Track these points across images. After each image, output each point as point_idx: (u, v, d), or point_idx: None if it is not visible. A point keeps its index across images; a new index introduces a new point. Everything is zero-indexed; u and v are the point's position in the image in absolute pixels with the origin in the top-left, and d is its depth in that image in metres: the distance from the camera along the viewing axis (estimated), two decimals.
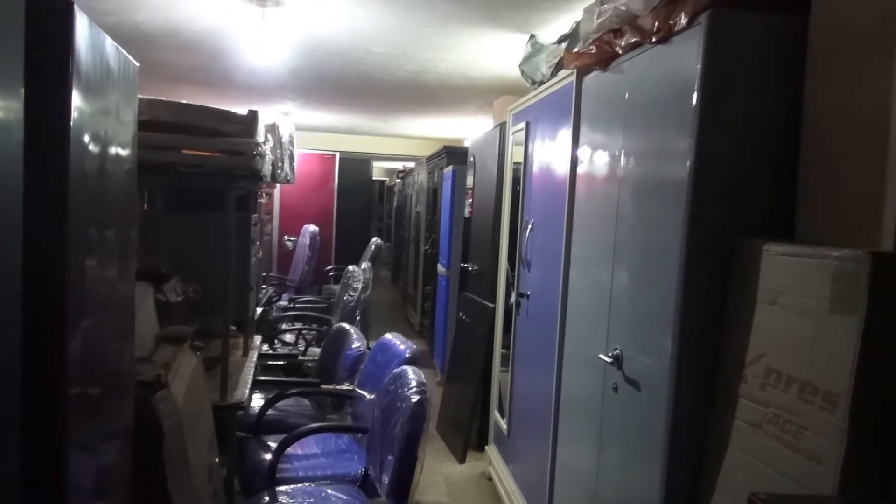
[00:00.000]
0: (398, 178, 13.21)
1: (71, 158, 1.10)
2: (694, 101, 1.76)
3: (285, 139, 3.68)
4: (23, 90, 0.98)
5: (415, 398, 2.32)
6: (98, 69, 1.24)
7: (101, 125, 1.29)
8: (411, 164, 10.54)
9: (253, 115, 2.60)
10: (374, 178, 13.88)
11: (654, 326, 1.97)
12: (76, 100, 1.13)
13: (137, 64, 1.53)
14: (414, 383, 2.40)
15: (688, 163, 1.78)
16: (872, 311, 1.38)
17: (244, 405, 2.72)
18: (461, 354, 4.75)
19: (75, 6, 1.07)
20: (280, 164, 3.46)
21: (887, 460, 1.40)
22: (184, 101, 2.56)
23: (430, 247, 7.19)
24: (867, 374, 1.39)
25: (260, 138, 2.66)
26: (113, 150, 1.38)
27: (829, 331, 1.47)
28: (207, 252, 3.04)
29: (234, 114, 2.60)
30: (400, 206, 12.15)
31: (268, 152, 2.90)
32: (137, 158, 2.42)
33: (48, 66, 1.06)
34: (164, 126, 2.45)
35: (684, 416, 1.82)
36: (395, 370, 2.61)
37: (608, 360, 2.22)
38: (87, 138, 1.19)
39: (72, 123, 1.10)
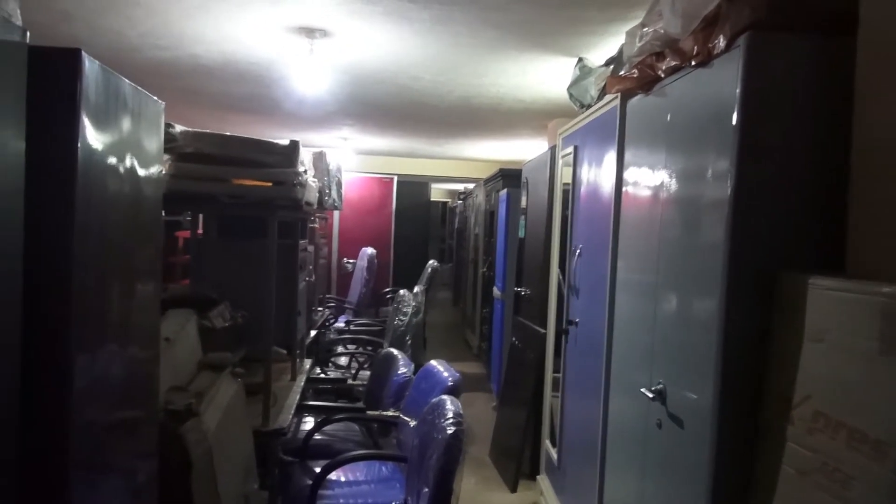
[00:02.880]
0: (459, 199, 13.24)
1: (77, 190, 1.16)
2: (733, 125, 1.68)
3: (333, 167, 3.73)
4: (24, 131, 1.05)
5: (450, 430, 2.26)
6: (112, 108, 1.29)
7: (117, 159, 1.35)
8: (472, 185, 10.55)
9: (294, 146, 2.64)
10: (434, 200, 13.99)
11: (696, 361, 1.88)
12: (88, 136, 1.18)
13: (162, 102, 1.58)
14: (451, 414, 2.35)
15: (728, 190, 1.69)
16: None
17: (285, 431, 2.72)
18: (513, 380, 4.68)
19: (82, 53, 1.11)
20: (328, 192, 3.50)
21: None
22: (227, 133, 2.62)
23: (487, 269, 7.15)
24: None
25: (300, 168, 2.70)
26: (132, 181, 1.45)
27: (879, 374, 1.35)
28: (255, 278, 3.08)
29: (276, 144, 2.64)
30: (460, 227, 12.15)
31: (311, 181, 2.94)
32: (182, 189, 2.52)
33: (56, 107, 1.13)
34: (207, 157, 2.52)
35: (728, 457, 1.72)
36: (433, 400, 2.56)
37: (650, 395, 2.13)
38: (98, 171, 1.26)
39: (79, 157, 1.16)
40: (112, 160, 1.32)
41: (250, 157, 2.57)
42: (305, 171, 2.85)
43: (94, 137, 1.21)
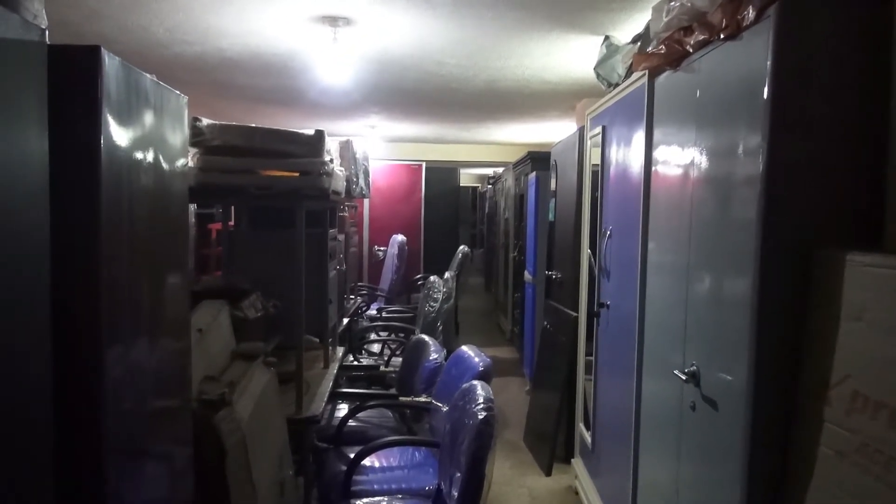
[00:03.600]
0: (489, 184, 13.18)
1: (102, 186, 1.18)
2: (764, 99, 1.64)
3: (360, 155, 3.72)
4: (47, 129, 1.07)
5: (481, 415, 2.26)
6: (134, 103, 1.31)
7: (141, 153, 1.37)
8: (501, 170, 10.49)
9: (319, 135, 2.65)
10: (464, 185, 13.94)
11: (730, 342, 1.85)
12: (110, 132, 1.20)
13: (185, 96, 1.59)
14: (481, 399, 2.34)
15: (760, 166, 1.65)
16: None
17: (318, 418, 2.76)
18: (546, 364, 4.66)
19: (102, 49, 1.13)
20: (355, 180, 3.50)
21: None
22: (252, 125, 2.64)
23: (517, 253, 7.12)
24: None
25: (326, 157, 2.70)
26: (157, 175, 1.47)
27: None
28: (286, 268, 3.11)
29: (301, 134, 2.65)
30: (491, 212, 12.11)
31: (338, 170, 2.94)
32: (211, 181, 2.55)
33: (78, 104, 1.15)
34: (234, 150, 2.54)
35: (764, 439, 1.69)
36: (464, 385, 2.56)
37: (683, 377, 2.10)
38: (122, 166, 1.28)
39: (102, 153, 1.19)
40: (136, 155, 1.34)
41: (276, 147, 2.59)
42: (331, 161, 2.86)
43: (116, 133, 1.23)
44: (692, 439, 2.12)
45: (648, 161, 2.62)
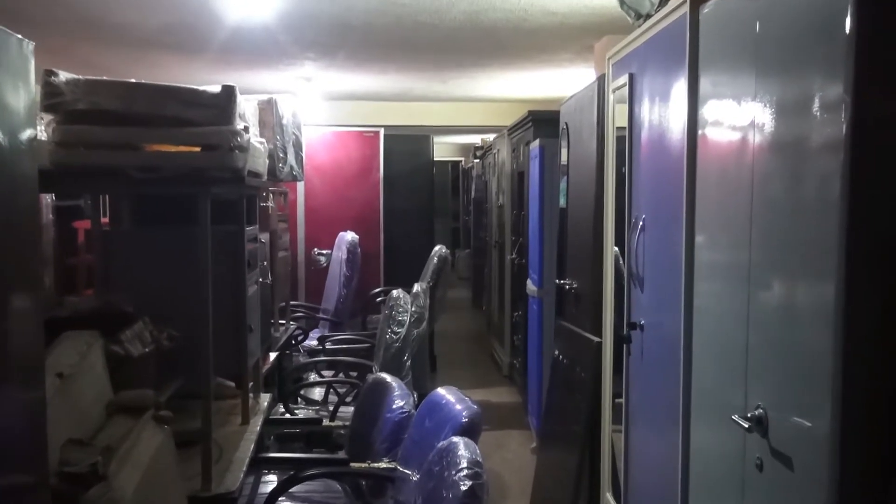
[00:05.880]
0: (476, 157, 13.24)
1: None
2: (846, 34, 1.68)
3: (287, 121, 3.71)
4: None
5: (465, 485, 2.29)
6: None
7: None
8: (492, 137, 10.55)
9: (228, 93, 2.65)
10: (440, 160, 14.01)
11: (808, 372, 1.89)
12: None
13: (31, 42, 1.58)
14: (464, 463, 2.37)
15: (842, 128, 1.69)
16: None
17: (235, 494, 2.76)
18: (558, 410, 4.70)
19: None
20: (281, 156, 3.49)
21: None
22: (133, 80, 2.63)
23: (517, 255, 7.16)
24: None
25: (239, 125, 2.71)
26: None
27: None
28: (185, 282, 3.10)
29: (203, 93, 2.65)
30: (479, 197, 12.17)
31: (257, 142, 2.93)
32: (75, 161, 2.54)
33: None
34: (108, 116, 2.53)
35: None
36: (440, 444, 2.58)
37: (745, 424, 2.14)
38: None
39: None
40: None
41: (168, 112, 2.59)
42: (247, 129, 2.86)
43: None
44: None
45: (693, 122, 2.66)
